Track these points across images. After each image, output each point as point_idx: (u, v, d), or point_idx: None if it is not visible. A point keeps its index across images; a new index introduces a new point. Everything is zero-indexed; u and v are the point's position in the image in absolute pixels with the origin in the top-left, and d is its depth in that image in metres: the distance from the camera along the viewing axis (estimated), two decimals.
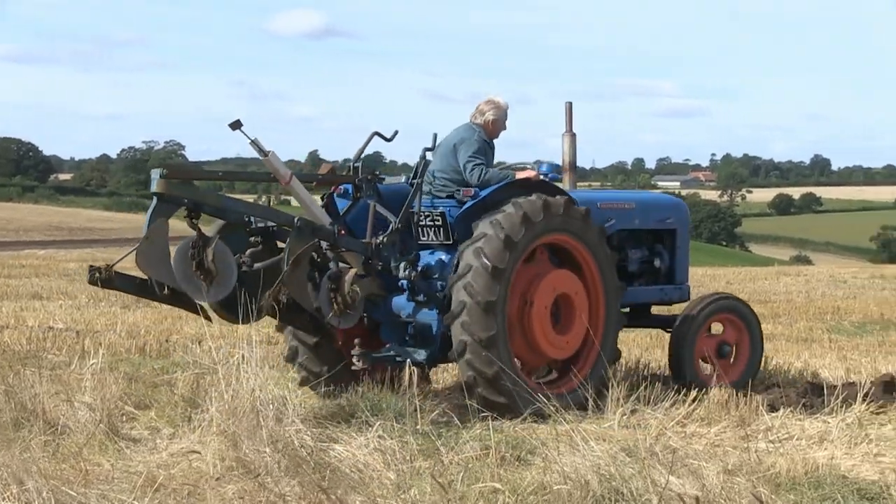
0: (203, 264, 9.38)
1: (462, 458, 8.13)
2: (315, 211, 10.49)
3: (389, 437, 8.52)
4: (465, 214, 11.07)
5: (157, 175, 9.42)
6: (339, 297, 10.22)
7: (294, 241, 9.96)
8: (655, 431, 9.26)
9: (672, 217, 12.92)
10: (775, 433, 9.85)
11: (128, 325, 16.96)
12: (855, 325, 21.14)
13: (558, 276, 11.20)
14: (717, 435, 9.77)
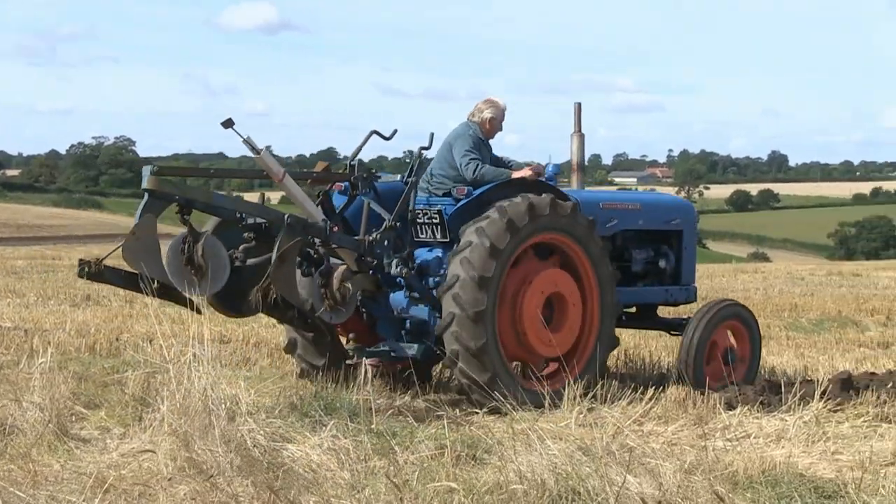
0: (193, 259, 9.63)
1: (417, 458, 8.12)
2: (308, 208, 10.65)
3: (344, 437, 8.50)
4: (459, 212, 11.32)
5: (147, 172, 9.66)
6: (330, 292, 10.44)
7: (284, 237, 10.11)
8: (612, 430, 9.28)
9: (678, 218, 13.16)
10: (733, 431, 9.91)
11: (77, 324, 16.83)
12: (812, 323, 21.28)
13: (548, 276, 11.41)
14: (674, 433, 9.81)
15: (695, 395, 10.82)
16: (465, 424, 9.97)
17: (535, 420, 9.39)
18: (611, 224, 12.38)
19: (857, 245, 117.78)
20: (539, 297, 11.32)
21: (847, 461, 8.87)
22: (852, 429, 10.23)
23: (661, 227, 13.01)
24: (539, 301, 11.32)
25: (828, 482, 8.01)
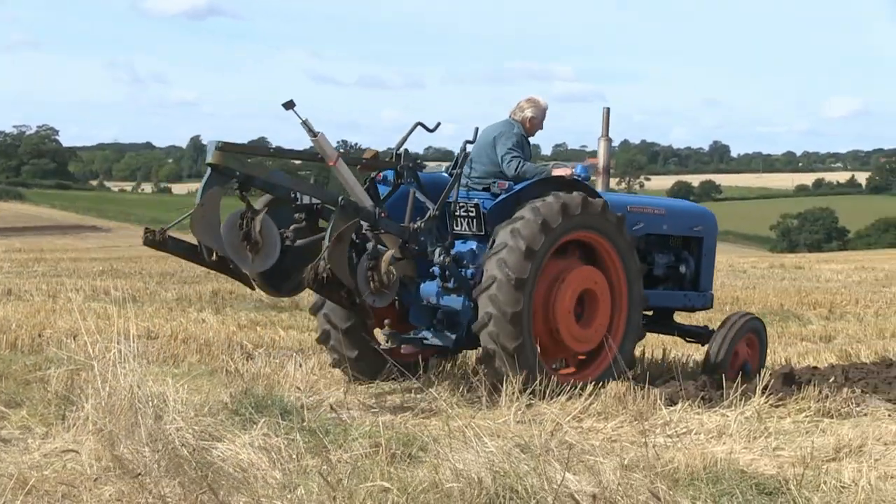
0: (250, 235, 10.09)
1: (351, 456, 8.10)
2: (358, 193, 11.07)
3: (275, 435, 8.47)
4: (498, 207, 11.79)
5: (213, 146, 10.13)
6: (377, 275, 10.85)
7: (338, 218, 10.58)
8: (551, 427, 9.31)
9: (701, 225, 13.83)
10: (673, 427, 9.98)
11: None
12: None
13: (580, 273, 11.92)
14: (614, 430, 9.87)
15: (635, 390, 10.88)
16: (401, 422, 9.97)
17: (472, 417, 9.40)
18: (637, 227, 12.91)
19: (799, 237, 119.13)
20: (572, 294, 11.82)
21: (789, 457, 8.96)
22: (794, 424, 10.34)
23: (685, 234, 13.67)
24: (572, 298, 11.82)
25: (769, 478, 8.08)
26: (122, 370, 8.51)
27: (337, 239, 10.38)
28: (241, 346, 14.54)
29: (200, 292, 23.08)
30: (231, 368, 12.11)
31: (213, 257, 10.06)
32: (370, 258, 10.92)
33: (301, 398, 9.88)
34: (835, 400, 11.01)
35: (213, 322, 18.00)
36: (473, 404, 10.51)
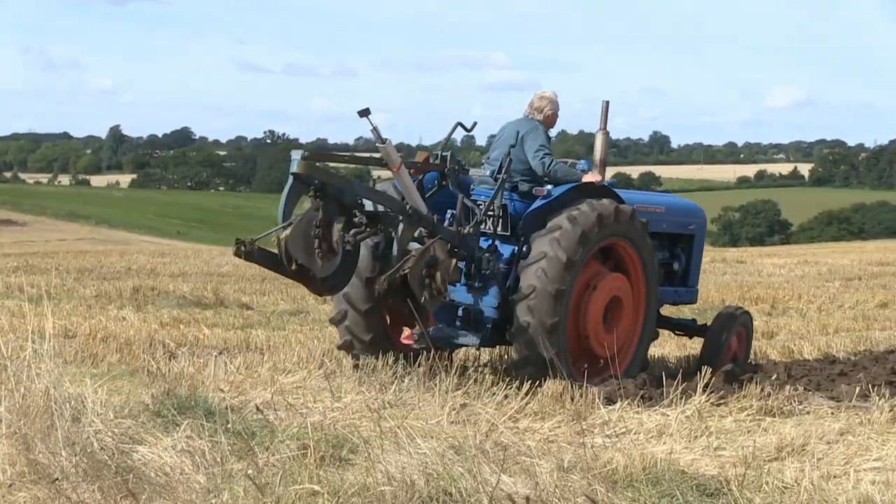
0: (327, 241, 10.58)
1: (278, 459, 8.08)
2: (416, 199, 11.53)
3: (199, 438, 8.42)
4: (537, 212, 12.33)
5: (298, 156, 10.54)
6: (434, 282, 11.26)
7: (406, 227, 11.21)
8: (486, 427, 9.34)
9: (694, 223, 14.51)
10: (612, 427, 10.02)
11: None
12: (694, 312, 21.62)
13: (609, 281, 12.57)
14: (551, 430, 9.89)
15: (573, 389, 10.92)
16: (330, 423, 9.94)
17: (405, 417, 9.40)
18: None
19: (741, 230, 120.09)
20: (602, 302, 12.50)
21: (730, 457, 9.03)
22: (736, 423, 10.42)
23: (680, 231, 14.29)
24: (602, 306, 12.50)
25: (710, 479, 8.13)
26: (38, 370, 8.43)
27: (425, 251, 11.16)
28: (163, 345, 14.45)
29: (121, 289, 22.92)
30: (153, 368, 12.03)
31: (293, 267, 10.48)
32: (428, 264, 11.31)
33: (226, 399, 9.83)
34: (777, 398, 11.11)
35: (134, 320, 17.88)
36: (406, 404, 10.50)
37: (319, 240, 10.53)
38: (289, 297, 23.14)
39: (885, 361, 14.30)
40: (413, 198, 11.50)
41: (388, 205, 11.35)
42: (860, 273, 33.75)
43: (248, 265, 32.11)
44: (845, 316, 22.69)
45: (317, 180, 10.67)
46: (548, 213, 12.25)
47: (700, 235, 14.55)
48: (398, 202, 11.38)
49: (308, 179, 10.65)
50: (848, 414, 10.65)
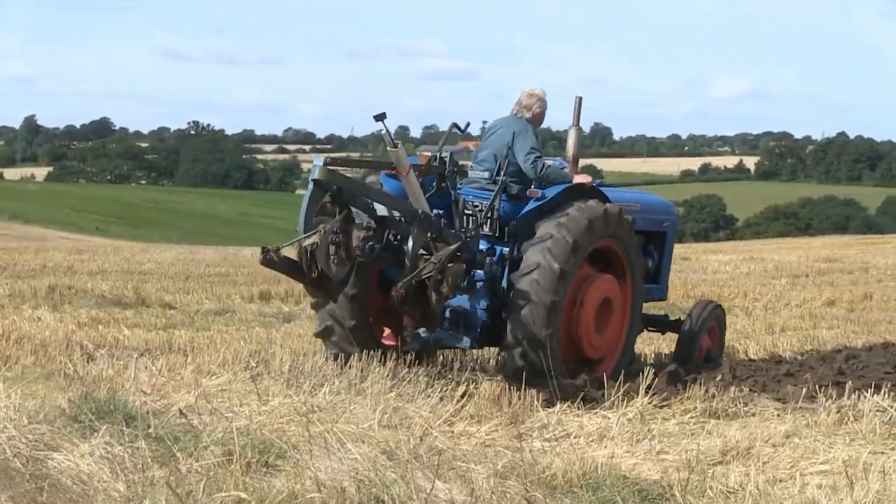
0: (348, 247, 10.85)
1: (202, 466, 8.05)
2: (424, 203, 11.77)
3: (118, 444, 8.37)
4: (529, 215, 12.58)
5: (320, 162, 10.85)
6: (444, 287, 11.32)
7: (419, 232, 11.48)
8: (420, 431, 9.34)
9: (667, 220, 14.88)
10: (551, 431, 10.06)
11: None
12: None
13: (600, 284, 12.88)
14: (487, 434, 9.91)
15: (510, 392, 10.95)
16: (257, 427, 9.90)
17: (335, 421, 9.38)
18: None
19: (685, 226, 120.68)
20: (594, 307, 12.78)
21: (673, 461, 9.07)
22: (679, 426, 10.48)
23: (654, 229, 14.56)
24: (593, 310, 12.78)
25: (653, 484, 8.17)
26: None
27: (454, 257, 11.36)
28: (80, 347, 14.31)
29: (36, 288, 22.71)
30: (70, 371, 11.93)
31: (314, 274, 10.68)
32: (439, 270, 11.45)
33: (147, 403, 9.77)
34: (722, 400, 11.18)
35: (50, 320, 17.74)
36: (337, 407, 10.48)
37: (337, 246, 10.79)
38: (213, 296, 23.04)
39: (832, 361, 14.44)
40: (421, 202, 11.75)
41: (402, 210, 11.66)
42: (807, 270, 34.08)
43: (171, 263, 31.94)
44: (792, 314, 22.91)
45: (334, 186, 10.91)
46: (538, 216, 12.53)
47: (672, 233, 14.94)
48: (411, 207, 11.64)
49: (326, 185, 10.89)
50: (794, 416, 10.74)
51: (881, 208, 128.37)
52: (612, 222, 12.73)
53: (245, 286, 24.77)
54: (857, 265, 35.89)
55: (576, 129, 14.07)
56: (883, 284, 29.96)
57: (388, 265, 11.92)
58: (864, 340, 18.08)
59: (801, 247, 51.31)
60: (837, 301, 25.58)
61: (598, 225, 12.51)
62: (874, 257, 39.65)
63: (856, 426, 10.17)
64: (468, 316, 12.57)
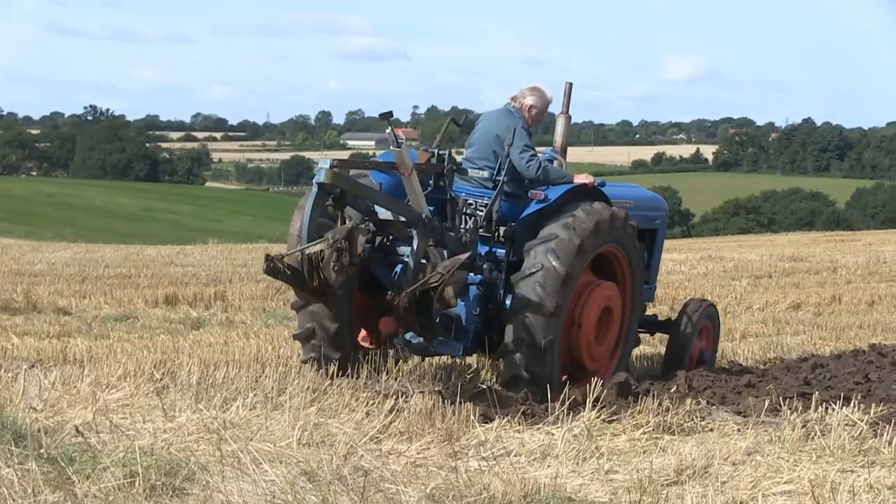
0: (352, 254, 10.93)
1: (101, 489, 8.00)
2: (423, 206, 12.08)
3: (6, 465, 8.31)
4: (531, 216, 13.03)
5: (326, 165, 11.15)
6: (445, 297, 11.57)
7: (422, 237, 11.80)
8: (344, 449, 9.33)
9: (658, 217, 15.36)
10: (489, 448, 10.06)
11: None
12: None
13: (601, 291, 13.34)
14: (419, 452, 9.91)
15: (444, 405, 10.95)
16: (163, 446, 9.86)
17: (249, 439, 9.36)
18: None
19: None
20: (595, 315, 13.24)
21: (623, 481, 9.12)
22: (630, 442, 10.52)
23: (646, 226, 14.92)
24: (594, 319, 13.25)
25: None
26: None
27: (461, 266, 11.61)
28: None
29: None
30: None
31: (316, 283, 10.92)
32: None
33: (39, 420, 9.70)
34: (677, 413, 11.23)
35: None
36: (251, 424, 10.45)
37: (340, 252, 10.92)
38: (114, 301, 22.94)
39: (798, 371, 14.56)
40: (422, 205, 12.04)
41: (406, 214, 11.92)
42: (770, 270, 34.30)
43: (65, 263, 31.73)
44: (754, 319, 23.08)
45: (338, 189, 11.20)
46: (540, 219, 12.88)
47: (662, 230, 15.35)
48: (415, 211, 11.92)
49: (330, 189, 11.18)
50: (756, 430, 10.80)
51: (850, 202, 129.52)
52: (617, 226, 13.16)
53: (149, 289, 24.65)
54: (825, 265, 36.16)
55: (564, 116, 14.47)
56: (852, 286, 30.20)
57: (377, 266, 12.13)
58: (832, 348, 18.26)
59: (763, 244, 51.66)
60: (803, 304, 25.79)
61: (604, 228, 12.93)
62: (843, 256, 39.98)
63: (823, 442, 10.25)
64: (461, 322, 12.92)
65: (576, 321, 13.05)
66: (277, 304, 22.95)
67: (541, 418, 11.14)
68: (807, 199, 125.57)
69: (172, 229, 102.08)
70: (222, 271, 29.47)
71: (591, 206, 13.02)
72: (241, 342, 16.60)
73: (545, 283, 12.51)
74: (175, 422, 10.51)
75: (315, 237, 11.04)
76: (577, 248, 12.64)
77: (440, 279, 11.41)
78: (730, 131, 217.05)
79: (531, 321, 12.44)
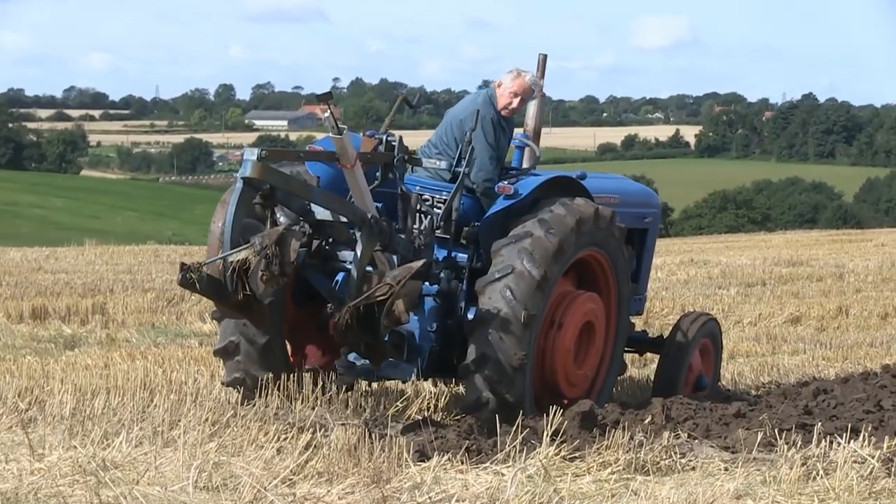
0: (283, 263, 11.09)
1: None
2: (368, 203, 12.18)
3: None
4: (497, 215, 13.12)
5: (253, 156, 11.20)
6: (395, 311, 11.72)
7: (367, 242, 11.89)
8: (250, 494, 9.33)
9: (649, 214, 15.34)
10: (426, 493, 10.08)
11: None
12: None
13: (582, 305, 13.42)
14: (340, 497, 9.91)
15: (371, 441, 10.96)
16: (29, 491, 9.82)
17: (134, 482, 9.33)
18: None
19: None
20: (573, 331, 13.34)
21: None
22: (595, 484, 10.54)
23: (634, 225, 15.01)
24: (573, 337, 13.35)
25: None
26: None
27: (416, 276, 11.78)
28: None
29: None
30: None
31: (240, 296, 11.13)
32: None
33: None
34: (652, 449, 11.27)
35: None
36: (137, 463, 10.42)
37: (270, 261, 11.04)
38: None
39: (797, 397, 14.65)
40: (367, 202, 12.13)
41: (348, 213, 11.99)
42: (764, 277, 34.48)
43: None
44: (744, 335, 23.23)
45: (267, 185, 11.33)
46: (509, 217, 12.94)
47: (654, 229, 15.47)
48: (359, 210, 11.98)
49: (257, 184, 11.30)
50: (747, 469, 10.86)
51: (860, 195, 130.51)
52: (602, 227, 13.19)
53: (11, 300, 24.57)
54: (830, 270, 36.36)
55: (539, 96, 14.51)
56: (862, 295, 30.39)
57: (315, 274, 12.20)
58: (837, 369, 18.41)
59: (756, 245, 51.94)
60: (803, 317, 25.96)
61: (586, 228, 12.93)
62: (851, 259, 40.21)
63: (827, 482, 10.32)
64: (414, 340, 12.91)
65: (551, 339, 13.09)
66: (169, 319, 22.94)
67: (488, 455, 11.15)
68: (808, 192, 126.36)
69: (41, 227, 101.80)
70: (102, 279, 29.36)
71: (571, 202, 13.02)
72: (124, 365, 16.58)
73: (516, 288, 12.50)
74: (44, 461, 10.48)
75: (239, 242, 11.07)
76: (555, 248, 12.66)
77: (389, 291, 11.49)
78: (715, 109, 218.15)
79: (499, 334, 12.44)
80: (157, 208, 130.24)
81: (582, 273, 13.66)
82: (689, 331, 14.85)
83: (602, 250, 13.46)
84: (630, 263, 14.16)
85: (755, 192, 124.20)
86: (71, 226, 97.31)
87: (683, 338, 14.81)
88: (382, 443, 10.93)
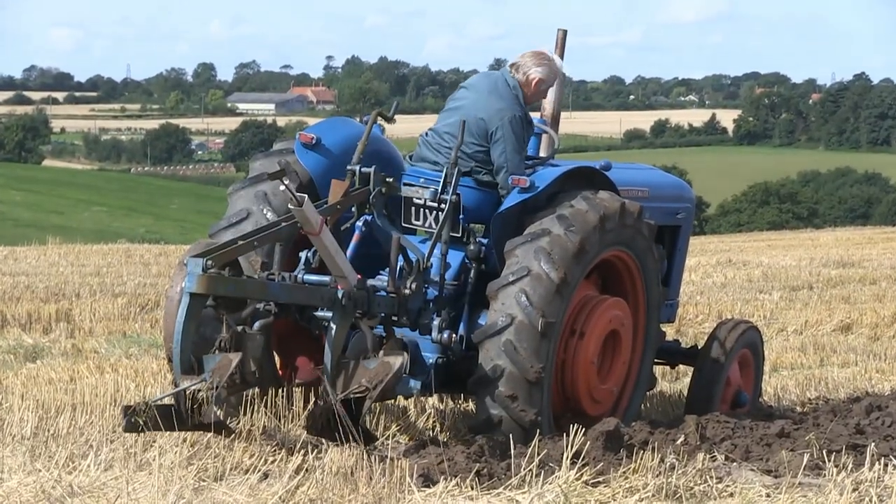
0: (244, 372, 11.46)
1: None
2: (343, 267, 12.06)
3: None
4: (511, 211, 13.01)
5: (198, 269, 11.23)
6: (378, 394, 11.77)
7: (340, 324, 11.90)
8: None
9: (682, 210, 15.54)
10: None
11: None
12: None
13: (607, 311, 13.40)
14: None
15: (370, 463, 10.98)
16: None
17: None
18: None
19: None
20: (597, 341, 13.34)
21: None
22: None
23: (666, 222, 15.12)
24: (596, 348, 13.35)
25: None
26: None
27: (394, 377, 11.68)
28: None
29: None
30: None
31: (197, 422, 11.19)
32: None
33: None
34: (685, 473, 11.29)
35: None
36: (107, 488, 10.45)
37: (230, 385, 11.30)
38: None
39: (847, 415, 14.63)
40: (342, 267, 11.99)
41: (315, 301, 12.12)
42: (811, 279, 34.45)
43: None
44: (789, 345, 23.21)
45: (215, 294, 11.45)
46: (525, 213, 12.88)
47: (687, 226, 15.47)
48: (329, 294, 11.96)
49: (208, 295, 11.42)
50: (791, 495, 10.88)
51: None
52: (629, 224, 13.15)
53: None
54: (885, 272, 36.34)
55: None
56: None
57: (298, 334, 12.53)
58: (893, 383, 18.38)
59: (802, 244, 51.93)
60: (855, 325, 25.92)
61: (611, 225, 12.90)
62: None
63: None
64: (417, 352, 12.83)
65: (571, 350, 13.10)
66: (142, 327, 22.95)
67: (501, 480, 11.15)
68: (860, 184, 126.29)
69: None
70: (67, 282, 29.37)
71: (594, 196, 12.96)
72: (92, 378, 16.59)
73: (532, 293, 12.46)
74: (3, 487, 10.52)
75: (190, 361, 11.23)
76: (576, 248, 12.61)
77: (365, 393, 11.56)
78: (756, 91, 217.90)
79: (514, 345, 12.41)
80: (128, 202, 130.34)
81: (606, 276, 13.65)
82: (727, 340, 14.77)
83: (629, 250, 13.42)
84: (660, 265, 14.06)
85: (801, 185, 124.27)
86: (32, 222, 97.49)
87: (720, 348, 14.72)
88: (382, 466, 10.94)
